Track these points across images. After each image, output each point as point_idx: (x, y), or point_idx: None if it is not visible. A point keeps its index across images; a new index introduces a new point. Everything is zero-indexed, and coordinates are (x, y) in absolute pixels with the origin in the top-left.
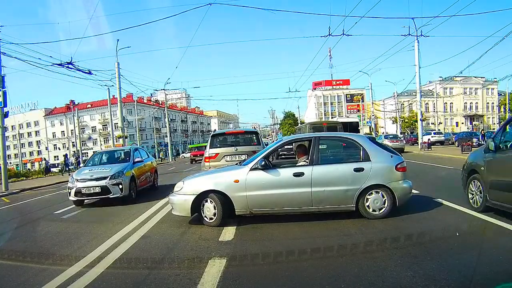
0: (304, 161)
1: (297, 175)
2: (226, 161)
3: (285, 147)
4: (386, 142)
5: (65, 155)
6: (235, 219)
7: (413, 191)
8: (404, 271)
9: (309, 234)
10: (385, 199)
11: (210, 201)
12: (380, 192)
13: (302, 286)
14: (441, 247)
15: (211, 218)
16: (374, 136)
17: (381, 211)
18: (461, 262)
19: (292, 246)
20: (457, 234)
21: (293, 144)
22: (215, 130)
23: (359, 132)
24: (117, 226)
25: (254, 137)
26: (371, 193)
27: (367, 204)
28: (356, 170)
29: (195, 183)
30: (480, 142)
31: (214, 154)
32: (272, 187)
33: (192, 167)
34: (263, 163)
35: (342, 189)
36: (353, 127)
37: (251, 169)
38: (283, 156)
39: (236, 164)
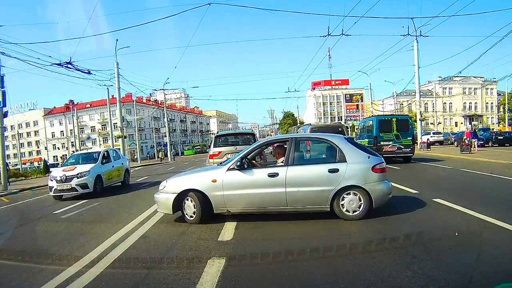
0: (281, 161)
1: (271, 175)
2: (228, 158)
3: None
4: None
5: None
6: (234, 219)
7: (412, 191)
8: (403, 270)
9: (308, 234)
10: (361, 201)
11: (190, 199)
12: (356, 193)
13: (301, 285)
14: (440, 247)
15: (191, 216)
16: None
17: (356, 213)
18: (460, 262)
19: (291, 246)
20: (456, 234)
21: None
22: (218, 131)
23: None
24: (116, 226)
25: (251, 138)
26: (347, 194)
27: (342, 205)
28: (331, 171)
29: (177, 182)
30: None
31: (217, 152)
32: (248, 187)
33: (191, 167)
34: (238, 163)
35: (316, 190)
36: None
37: (228, 169)
38: None
39: (218, 164)
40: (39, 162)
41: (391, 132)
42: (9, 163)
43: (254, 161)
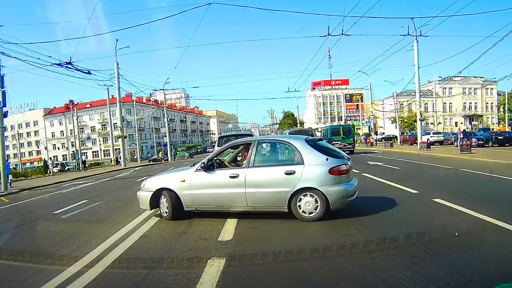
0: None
1: (232, 176)
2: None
3: None
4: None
5: None
6: (235, 220)
7: (412, 191)
8: (403, 270)
9: (308, 234)
10: (318, 203)
11: (164, 197)
12: (312, 195)
13: (301, 286)
14: (440, 247)
15: (165, 212)
16: (319, 137)
17: (312, 214)
18: (460, 262)
19: (291, 245)
20: (456, 234)
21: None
22: (221, 133)
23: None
24: (116, 226)
25: None
26: (304, 196)
27: (299, 206)
28: (287, 173)
29: (153, 181)
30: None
31: (221, 152)
32: (212, 187)
33: None
34: (202, 165)
35: (273, 191)
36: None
37: (196, 170)
38: None
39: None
40: (39, 162)
41: (339, 135)
42: (9, 163)
43: (226, 162)
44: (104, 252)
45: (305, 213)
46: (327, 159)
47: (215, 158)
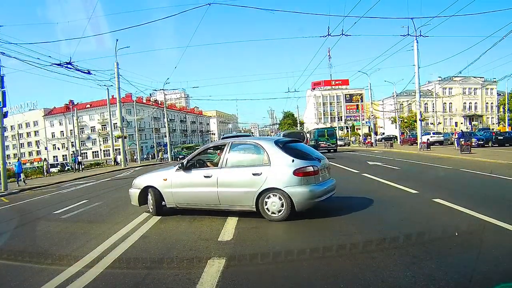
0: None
1: (206, 176)
2: None
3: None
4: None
5: None
6: (235, 220)
7: (412, 191)
8: (403, 270)
9: (308, 234)
10: (283, 203)
11: (150, 194)
12: (278, 196)
13: (301, 286)
14: (440, 247)
15: (151, 208)
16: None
17: (276, 214)
18: (460, 262)
19: (291, 246)
20: (456, 234)
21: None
22: (221, 133)
23: (304, 139)
24: (116, 226)
25: None
26: (270, 196)
27: (266, 206)
28: (254, 174)
29: (141, 180)
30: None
31: (199, 153)
32: (188, 186)
33: None
34: (180, 165)
35: (242, 191)
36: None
37: (176, 170)
38: None
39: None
40: (39, 162)
41: (324, 136)
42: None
43: (209, 163)
44: (104, 252)
45: (272, 213)
46: (293, 161)
47: (194, 159)
